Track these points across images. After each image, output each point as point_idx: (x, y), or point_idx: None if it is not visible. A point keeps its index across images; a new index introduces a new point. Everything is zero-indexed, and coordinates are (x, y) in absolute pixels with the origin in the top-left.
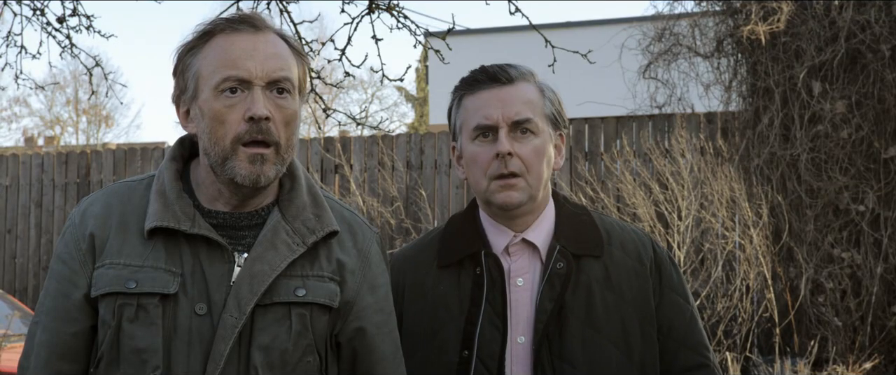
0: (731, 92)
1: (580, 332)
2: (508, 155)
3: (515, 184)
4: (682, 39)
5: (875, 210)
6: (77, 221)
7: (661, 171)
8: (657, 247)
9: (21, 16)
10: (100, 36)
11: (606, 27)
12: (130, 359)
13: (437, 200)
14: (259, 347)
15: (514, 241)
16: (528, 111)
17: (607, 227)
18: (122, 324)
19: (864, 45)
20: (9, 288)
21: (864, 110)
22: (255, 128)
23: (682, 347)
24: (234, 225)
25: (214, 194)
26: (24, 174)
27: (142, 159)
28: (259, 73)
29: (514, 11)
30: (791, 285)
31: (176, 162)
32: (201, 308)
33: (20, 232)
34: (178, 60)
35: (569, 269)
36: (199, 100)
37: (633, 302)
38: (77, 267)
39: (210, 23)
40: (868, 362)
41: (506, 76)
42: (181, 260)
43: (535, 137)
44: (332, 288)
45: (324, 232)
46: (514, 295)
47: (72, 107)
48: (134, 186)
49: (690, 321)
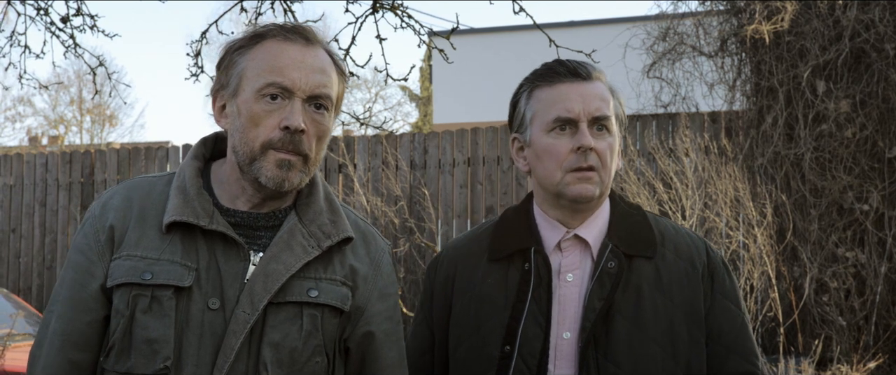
0: (735, 91)
1: (627, 333)
2: (590, 149)
3: (591, 176)
4: (685, 39)
5: (879, 209)
6: (97, 213)
7: (665, 171)
8: (711, 252)
9: (25, 15)
10: (103, 35)
11: (610, 26)
12: (142, 349)
13: (440, 199)
14: (269, 344)
15: (567, 237)
16: (606, 108)
17: (661, 229)
18: (136, 315)
19: (869, 45)
20: (13, 287)
21: (869, 109)
22: (288, 137)
23: (730, 353)
24: (251, 224)
25: (236, 193)
26: (28, 173)
27: (146, 159)
28: (302, 86)
29: (518, 11)
30: (795, 284)
31: (198, 160)
32: (214, 302)
33: (24, 232)
34: (224, 55)
35: (620, 269)
36: (239, 99)
37: (683, 305)
38: (95, 258)
39: (263, 26)
40: (872, 361)
41: (585, 71)
42: (197, 254)
43: (610, 135)
44: (343, 292)
45: (339, 237)
46: (563, 291)
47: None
48: (154, 181)
49: (741, 328)
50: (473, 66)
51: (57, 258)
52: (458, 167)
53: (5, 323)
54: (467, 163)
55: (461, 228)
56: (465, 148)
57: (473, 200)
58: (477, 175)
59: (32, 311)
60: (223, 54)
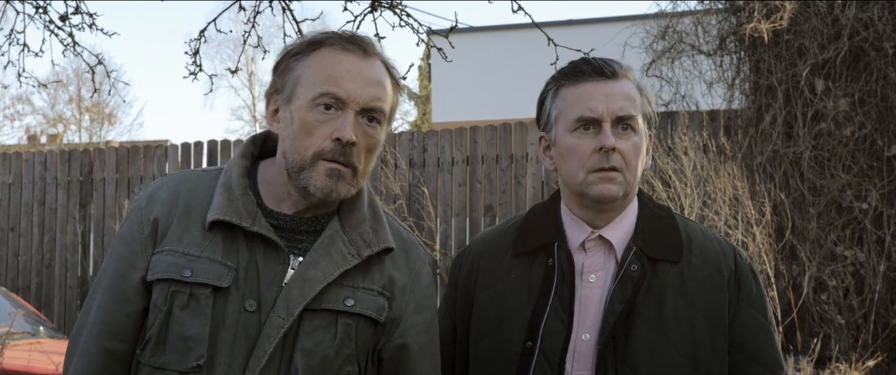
0: (734, 90)
1: (647, 337)
2: (612, 150)
3: (614, 177)
4: (684, 37)
5: (878, 208)
6: (143, 204)
7: (664, 169)
8: (740, 259)
9: (23, 14)
10: (102, 34)
11: (609, 25)
12: (176, 345)
13: (440, 198)
14: (302, 350)
15: (591, 237)
16: (631, 107)
17: (690, 233)
18: (173, 311)
19: (867, 43)
20: (11, 285)
21: (867, 108)
22: (338, 149)
23: (753, 362)
24: (293, 228)
25: (281, 195)
26: (26, 172)
27: (144, 157)
28: (357, 97)
29: (516, 10)
30: (794, 283)
31: (245, 159)
32: (251, 304)
33: (23, 230)
34: (281, 60)
35: (643, 272)
36: (293, 106)
37: (706, 312)
38: (138, 250)
39: (322, 33)
40: (871, 360)
41: (610, 70)
42: (238, 255)
43: (635, 134)
44: (380, 302)
45: (379, 247)
46: (585, 292)
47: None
48: (202, 176)
49: (766, 337)
50: (472, 65)
51: (55, 256)
52: (457, 165)
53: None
54: (466, 162)
55: (460, 227)
56: (464, 146)
57: (472, 199)
58: (476, 173)
59: (31, 310)
60: (280, 59)
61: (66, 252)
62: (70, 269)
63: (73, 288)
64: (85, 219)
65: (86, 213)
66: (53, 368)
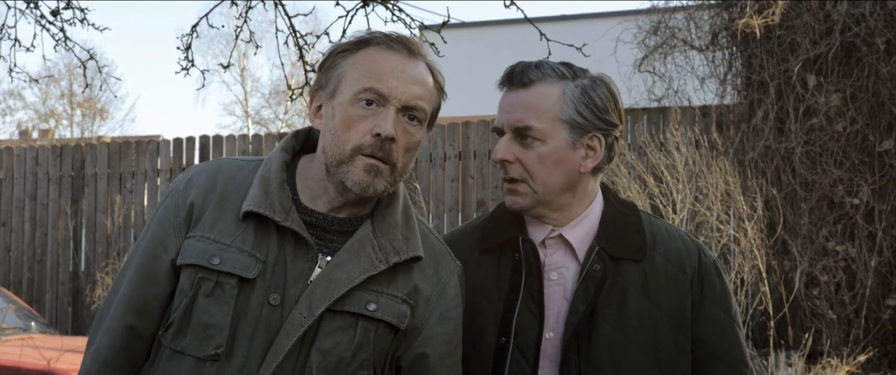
0: (726, 85)
1: (610, 337)
2: (504, 161)
3: (517, 189)
4: (677, 33)
5: (869, 203)
6: (181, 187)
7: (656, 164)
8: (704, 256)
9: (15, 9)
10: (94, 29)
11: (602, 20)
12: (198, 332)
13: (432, 193)
14: (319, 350)
15: (551, 235)
16: (532, 118)
17: (654, 231)
18: (198, 297)
19: (859, 39)
20: (3, 281)
21: (859, 103)
22: (378, 144)
23: (717, 361)
24: (325, 226)
25: (317, 192)
26: (18, 167)
27: (136, 152)
28: (398, 94)
29: (509, 5)
30: (786, 278)
31: (286, 153)
32: (275, 298)
33: (15, 226)
34: (328, 57)
35: (605, 272)
36: (335, 101)
37: (669, 311)
38: (171, 232)
39: (369, 32)
40: (862, 355)
41: (521, 79)
42: (267, 248)
43: (542, 144)
44: (402, 310)
45: (408, 255)
46: (547, 289)
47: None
48: (242, 165)
49: (730, 335)
50: (464, 60)
51: (47, 252)
52: (449, 161)
53: None
54: (458, 157)
55: (452, 222)
56: (457, 142)
57: (465, 194)
58: (468, 169)
59: (22, 305)
60: (326, 56)
61: (58, 247)
62: (62, 264)
63: (64, 284)
64: (77, 214)
65: (77, 208)
66: (45, 363)
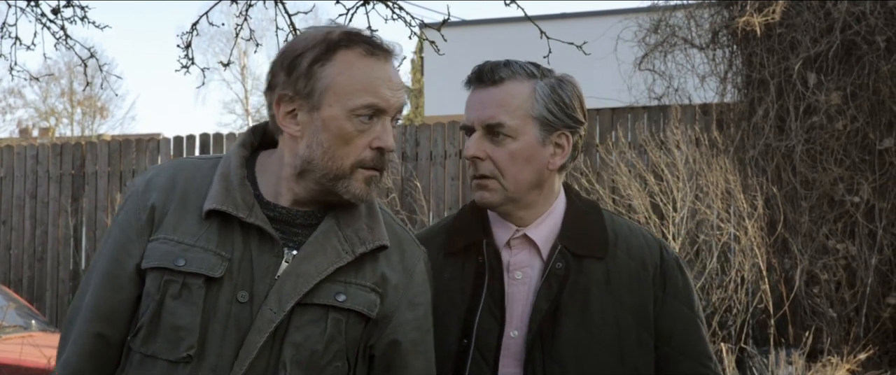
0: (727, 83)
1: (573, 334)
2: (475, 158)
3: (487, 185)
4: (677, 31)
5: (870, 201)
6: (141, 190)
7: (656, 163)
8: (666, 253)
9: (15, 7)
10: (94, 27)
11: (602, 18)
12: (168, 335)
13: (432, 191)
14: (291, 344)
15: (516, 236)
16: (504, 115)
17: (616, 229)
18: (166, 300)
19: (860, 37)
20: (3, 279)
21: (859, 101)
22: (379, 157)
23: (681, 356)
24: (289, 220)
25: (278, 187)
26: (18, 165)
27: (137, 151)
28: (393, 104)
29: (509, 3)
30: (786, 276)
31: (245, 148)
32: (243, 296)
33: (15, 224)
34: (294, 60)
35: (567, 270)
36: (324, 113)
37: (632, 307)
38: (134, 236)
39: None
40: (863, 353)
41: (491, 77)
42: (232, 245)
43: (513, 141)
44: (372, 299)
45: (373, 245)
46: (511, 289)
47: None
48: (200, 164)
49: (693, 330)
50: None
51: (47, 250)
52: (449, 159)
53: None
54: (459, 155)
55: None
56: (457, 140)
57: (465, 192)
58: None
59: (23, 303)
60: (293, 58)
61: (58, 245)
62: (62, 263)
63: (65, 282)
64: (77, 213)
65: (78, 207)
66: (45, 361)
